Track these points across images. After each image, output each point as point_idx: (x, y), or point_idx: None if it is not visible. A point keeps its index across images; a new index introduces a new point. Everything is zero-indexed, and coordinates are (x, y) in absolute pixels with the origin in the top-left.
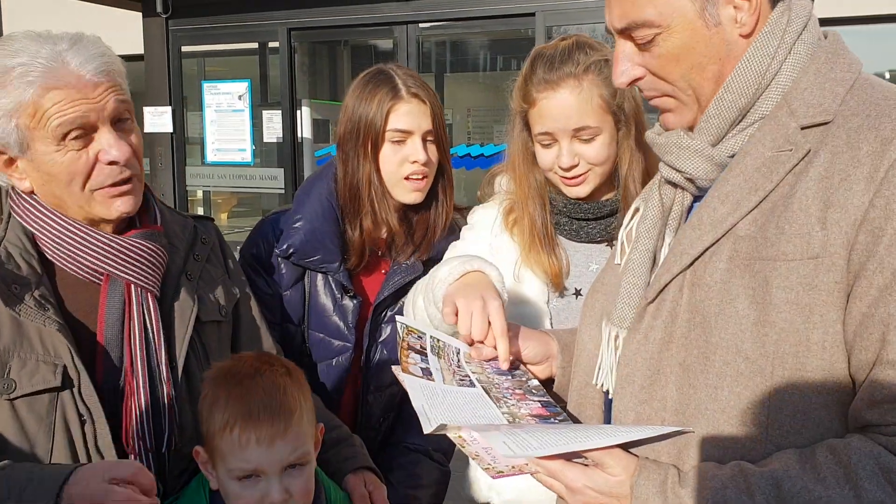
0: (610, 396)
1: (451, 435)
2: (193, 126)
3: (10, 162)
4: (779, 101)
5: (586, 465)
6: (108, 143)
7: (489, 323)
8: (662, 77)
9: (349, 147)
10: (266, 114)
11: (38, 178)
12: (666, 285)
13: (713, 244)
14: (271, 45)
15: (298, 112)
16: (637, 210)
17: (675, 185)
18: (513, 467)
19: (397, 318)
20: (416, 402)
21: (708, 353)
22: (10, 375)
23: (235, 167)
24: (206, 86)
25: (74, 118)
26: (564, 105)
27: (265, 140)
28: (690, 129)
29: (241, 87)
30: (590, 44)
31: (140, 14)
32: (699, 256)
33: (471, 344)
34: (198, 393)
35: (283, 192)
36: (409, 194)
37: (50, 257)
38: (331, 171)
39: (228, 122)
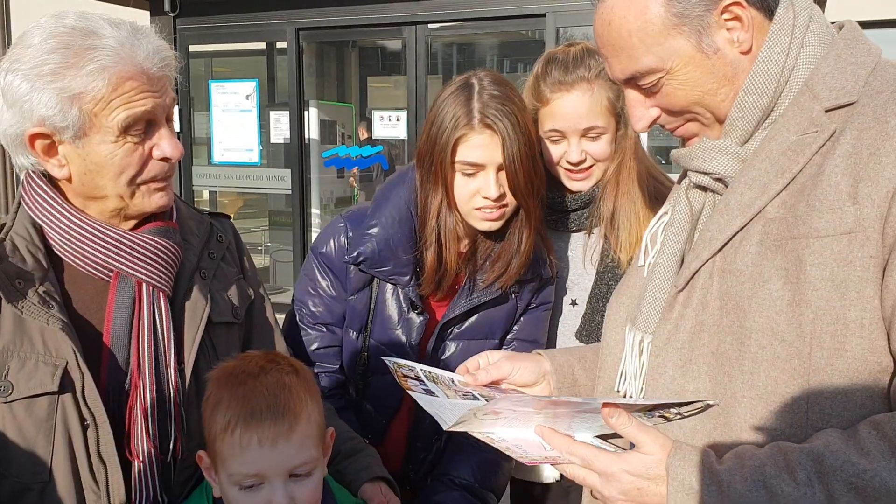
0: None
1: (476, 434)
2: (200, 126)
3: (52, 147)
4: (800, 87)
5: (618, 452)
6: (165, 141)
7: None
8: (678, 112)
9: (424, 168)
10: (273, 114)
11: (82, 166)
12: (695, 272)
13: (742, 228)
14: (279, 45)
15: (306, 113)
16: (664, 213)
17: (704, 188)
18: (545, 458)
19: (384, 358)
20: (428, 409)
21: (742, 339)
22: (7, 377)
23: (242, 167)
24: (213, 85)
25: (143, 112)
26: (577, 106)
27: (272, 141)
28: None
29: (249, 87)
30: (597, 51)
31: (147, 13)
32: (728, 241)
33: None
34: None
35: (289, 192)
36: (482, 223)
37: (57, 251)
38: (414, 174)
39: (236, 122)
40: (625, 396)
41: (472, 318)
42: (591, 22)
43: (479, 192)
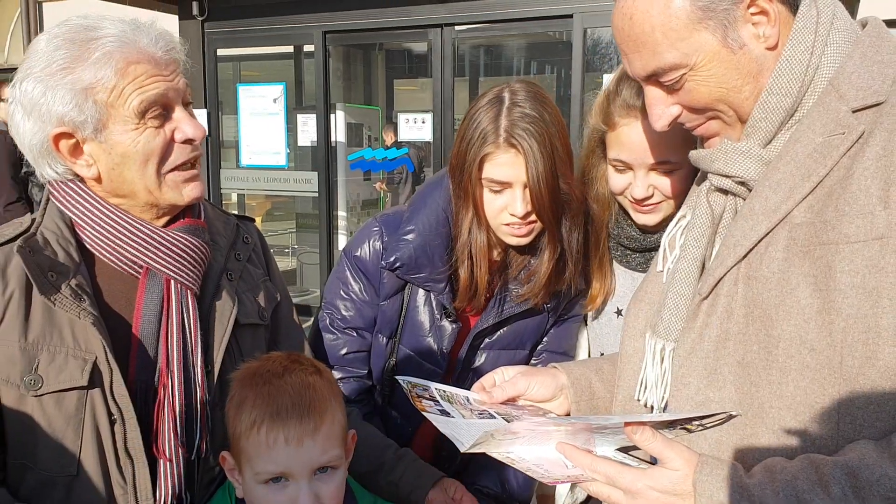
0: (655, 411)
1: (495, 454)
2: (228, 129)
3: (77, 147)
4: (825, 87)
5: (643, 468)
6: (184, 122)
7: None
8: (700, 109)
9: (455, 181)
10: (301, 117)
11: (109, 161)
12: (720, 279)
13: (768, 233)
14: (306, 48)
15: (333, 116)
16: (682, 217)
17: (725, 192)
18: (568, 476)
19: (397, 377)
20: (445, 430)
21: (770, 348)
22: (37, 371)
23: (270, 170)
24: (241, 89)
25: (157, 95)
26: (646, 136)
27: (300, 144)
28: None
29: (277, 90)
30: None
31: (176, 16)
32: (753, 247)
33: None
34: None
35: (317, 195)
36: (511, 238)
37: (88, 246)
38: (449, 181)
39: (263, 125)
40: (645, 405)
41: (504, 328)
42: None
43: (506, 208)
